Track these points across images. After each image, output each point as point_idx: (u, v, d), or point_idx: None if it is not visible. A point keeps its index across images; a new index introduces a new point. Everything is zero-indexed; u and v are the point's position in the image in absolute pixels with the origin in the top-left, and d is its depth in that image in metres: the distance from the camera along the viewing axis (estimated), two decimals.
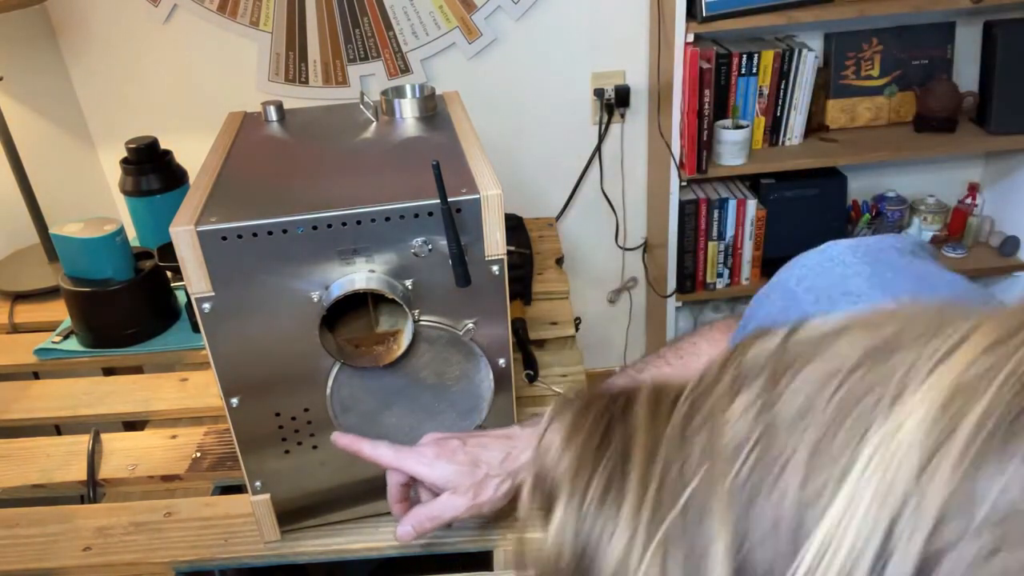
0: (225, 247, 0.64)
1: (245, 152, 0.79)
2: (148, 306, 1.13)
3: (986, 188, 1.91)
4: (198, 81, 1.70)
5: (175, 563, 0.79)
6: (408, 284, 0.69)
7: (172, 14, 1.62)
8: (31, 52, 1.57)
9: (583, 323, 2.02)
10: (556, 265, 1.32)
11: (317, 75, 1.69)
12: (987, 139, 1.69)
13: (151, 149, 1.27)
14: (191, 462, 0.92)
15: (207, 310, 0.66)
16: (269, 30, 1.64)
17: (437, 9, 1.64)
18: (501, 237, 0.68)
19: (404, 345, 0.70)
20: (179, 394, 1.04)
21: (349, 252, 0.66)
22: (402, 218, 0.66)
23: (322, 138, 0.82)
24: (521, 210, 1.47)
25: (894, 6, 1.54)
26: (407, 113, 0.85)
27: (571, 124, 1.82)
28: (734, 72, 1.65)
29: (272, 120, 0.86)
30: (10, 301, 1.26)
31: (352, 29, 1.65)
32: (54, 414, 1.02)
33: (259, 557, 0.79)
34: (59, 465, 0.93)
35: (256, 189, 0.70)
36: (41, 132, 1.58)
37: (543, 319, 1.17)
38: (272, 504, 0.77)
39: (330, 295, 0.67)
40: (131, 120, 1.71)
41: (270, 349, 0.69)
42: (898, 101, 1.77)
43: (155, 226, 1.29)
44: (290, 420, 0.73)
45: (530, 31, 1.70)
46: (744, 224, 1.80)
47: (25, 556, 0.80)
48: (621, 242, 1.98)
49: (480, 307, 0.71)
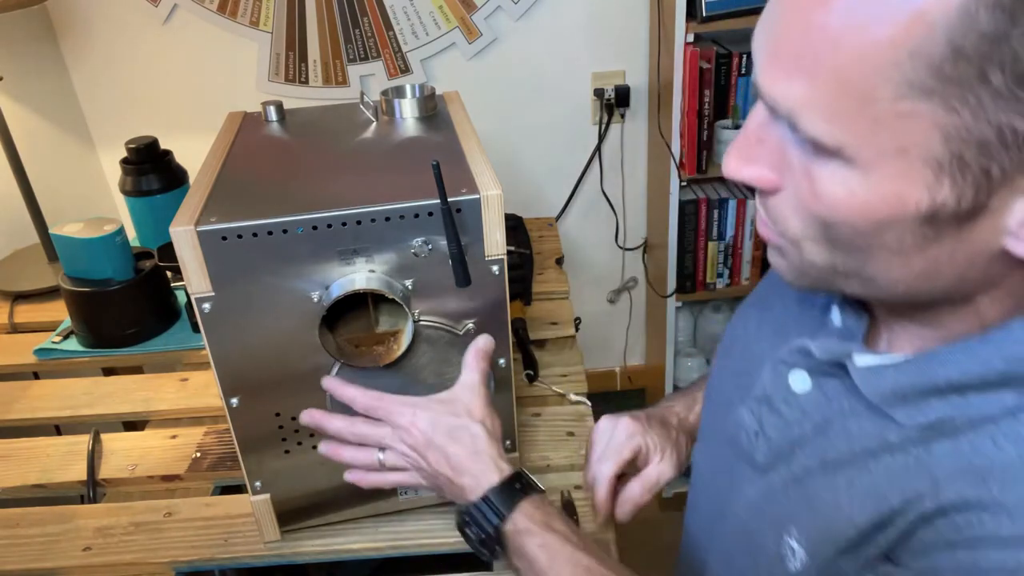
0: (225, 247, 0.64)
1: (245, 152, 0.79)
2: (148, 306, 1.13)
3: None
4: (198, 81, 1.70)
5: (175, 563, 0.79)
6: (408, 284, 0.69)
7: (172, 14, 1.62)
8: (31, 52, 1.57)
9: (583, 323, 2.01)
10: (556, 265, 1.32)
11: (317, 75, 1.69)
12: None
13: (151, 149, 1.27)
14: (191, 462, 0.92)
15: (207, 310, 0.66)
16: (269, 30, 1.64)
17: (437, 9, 1.65)
18: (501, 237, 0.68)
19: (404, 345, 0.70)
20: (179, 394, 1.04)
21: (349, 252, 0.66)
22: (402, 218, 0.66)
23: (322, 138, 0.82)
24: (521, 210, 1.47)
25: None
26: (407, 113, 0.85)
27: (571, 124, 1.82)
28: (734, 72, 1.65)
29: (272, 120, 0.86)
30: (10, 301, 1.26)
31: (352, 29, 1.65)
32: (54, 414, 1.02)
33: (259, 557, 0.79)
34: (59, 465, 0.93)
35: (256, 189, 0.70)
36: (41, 132, 1.58)
37: (543, 319, 1.17)
38: (272, 504, 0.77)
39: (330, 295, 0.67)
40: (131, 120, 1.71)
41: (270, 349, 0.69)
42: None
43: (155, 226, 1.29)
44: (290, 420, 0.73)
45: (530, 31, 1.70)
46: (744, 224, 1.80)
47: (25, 556, 0.80)
48: (621, 242, 1.98)
49: (480, 307, 0.71)
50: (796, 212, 0.46)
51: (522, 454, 0.86)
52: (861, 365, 0.51)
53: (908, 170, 0.41)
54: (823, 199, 0.43)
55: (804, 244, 0.47)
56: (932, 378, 0.48)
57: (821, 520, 0.53)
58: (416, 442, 0.68)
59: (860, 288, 0.48)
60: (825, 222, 0.45)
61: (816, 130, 0.41)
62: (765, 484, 0.59)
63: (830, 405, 0.55)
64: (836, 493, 0.52)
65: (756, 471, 0.60)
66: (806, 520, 0.54)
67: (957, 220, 0.42)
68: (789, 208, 0.47)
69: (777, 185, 0.47)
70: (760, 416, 0.60)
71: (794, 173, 0.45)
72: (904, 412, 0.50)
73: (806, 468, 0.55)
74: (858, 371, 0.51)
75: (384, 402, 0.70)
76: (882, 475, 0.50)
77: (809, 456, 0.55)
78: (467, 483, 0.65)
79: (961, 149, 0.39)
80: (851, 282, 0.48)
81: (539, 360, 1.06)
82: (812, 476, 0.55)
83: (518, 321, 1.11)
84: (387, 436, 0.69)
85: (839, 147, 0.41)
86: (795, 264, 0.50)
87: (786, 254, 0.50)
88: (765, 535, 0.58)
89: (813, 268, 0.48)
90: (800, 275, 0.50)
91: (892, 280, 0.46)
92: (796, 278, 0.51)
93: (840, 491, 0.52)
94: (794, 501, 0.56)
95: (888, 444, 0.50)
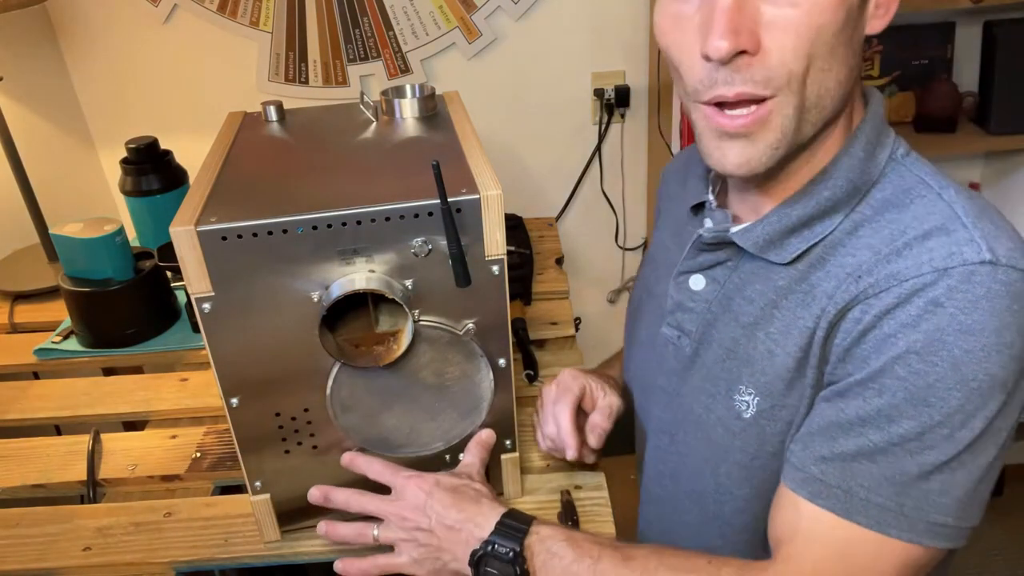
0: (225, 247, 0.64)
1: (245, 152, 0.78)
2: (148, 306, 1.13)
3: (986, 188, 1.91)
4: (198, 81, 1.70)
5: (175, 563, 0.79)
6: (408, 284, 0.69)
7: (172, 14, 1.62)
8: (31, 52, 1.57)
9: (583, 323, 2.01)
10: (556, 265, 1.32)
11: (317, 75, 1.69)
12: (987, 139, 1.69)
13: (151, 149, 1.27)
14: (191, 462, 0.92)
15: (207, 310, 0.66)
16: (269, 30, 1.64)
17: (437, 9, 1.64)
18: (501, 237, 0.68)
19: (404, 345, 0.70)
20: (179, 394, 1.04)
21: (349, 252, 0.66)
22: (402, 218, 0.66)
23: (322, 138, 0.81)
24: (521, 210, 1.47)
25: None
26: (407, 113, 0.85)
27: (571, 124, 1.82)
28: None
29: (272, 120, 0.86)
30: (10, 301, 1.26)
31: (352, 29, 1.65)
32: (54, 414, 1.02)
33: (259, 557, 0.79)
34: (59, 465, 0.93)
35: (256, 189, 0.70)
36: (41, 132, 1.58)
37: (543, 319, 1.17)
38: (272, 504, 0.77)
39: (330, 295, 0.67)
40: (131, 120, 1.71)
41: (270, 349, 0.69)
42: (898, 101, 1.77)
43: (155, 226, 1.29)
44: (290, 420, 0.73)
45: (530, 31, 1.70)
46: None
47: (25, 556, 0.80)
48: (621, 242, 1.98)
49: (480, 307, 0.71)
50: (785, 47, 0.57)
51: (522, 454, 0.86)
52: (735, 230, 0.69)
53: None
54: (816, 5, 0.56)
55: (793, 80, 0.58)
56: (786, 221, 0.66)
57: (763, 367, 0.67)
58: (417, 501, 0.71)
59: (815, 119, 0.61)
60: (814, 29, 0.56)
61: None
62: (701, 369, 0.73)
63: (724, 287, 0.71)
64: (765, 343, 0.67)
65: (691, 365, 0.74)
66: (749, 374, 0.68)
67: (862, 6, 0.60)
68: (776, 51, 0.57)
69: (759, 44, 0.57)
70: (678, 321, 0.75)
71: (775, 21, 0.56)
72: (775, 253, 0.66)
73: (732, 339, 0.70)
74: (736, 234, 0.68)
75: (392, 467, 0.75)
76: (788, 313, 0.66)
77: (727, 330, 0.70)
78: (477, 522, 0.69)
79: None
80: (809, 117, 0.60)
81: (539, 360, 1.06)
82: (739, 342, 0.69)
83: (518, 321, 1.11)
84: (387, 508, 0.73)
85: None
86: (775, 133, 0.60)
87: (765, 126, 0.60)
88: (717, 402, 0.71)
89: (789, 121, 0.60)
90: (773, 149, 0.61)
91: (840, 81, 0.60)
92: (768, 154, 0.61)
93: (767, 341, 0.67)
94: (735, 366, 0.69)
95: (780, 289, 0.66)
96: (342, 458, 0.76)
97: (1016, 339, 0.56)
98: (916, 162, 0.66)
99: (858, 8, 0.59)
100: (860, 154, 0.65)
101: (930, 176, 0.64)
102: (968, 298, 0.56)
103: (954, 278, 0.56)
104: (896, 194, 0.64)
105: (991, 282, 0.56)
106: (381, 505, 0.73)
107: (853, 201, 0.65)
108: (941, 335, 0.56)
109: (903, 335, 0.58)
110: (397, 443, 0.77)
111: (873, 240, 0.62)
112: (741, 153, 0.61)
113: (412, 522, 0.71)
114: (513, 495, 0.84)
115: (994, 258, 0.56)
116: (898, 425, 0.58)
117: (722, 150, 0.62)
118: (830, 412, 0.62)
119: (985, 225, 0.59)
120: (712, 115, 0.61)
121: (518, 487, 0.84)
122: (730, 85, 0.58)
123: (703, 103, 0.61)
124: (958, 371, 0.56)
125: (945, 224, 0.59)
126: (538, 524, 0.69)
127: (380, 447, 0.76)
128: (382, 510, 0.73)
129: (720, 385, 0.71)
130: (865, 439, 0.59)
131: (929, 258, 0.58)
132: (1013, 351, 0.56)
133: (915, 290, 0.58)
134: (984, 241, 0.57)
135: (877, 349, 0.59)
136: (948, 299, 0.56)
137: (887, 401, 0.58)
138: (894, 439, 0.58)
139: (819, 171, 0.65)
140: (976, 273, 0.56)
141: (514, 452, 0.81)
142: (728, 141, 0.62)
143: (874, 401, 0.59)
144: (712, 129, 0.62)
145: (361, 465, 0.75)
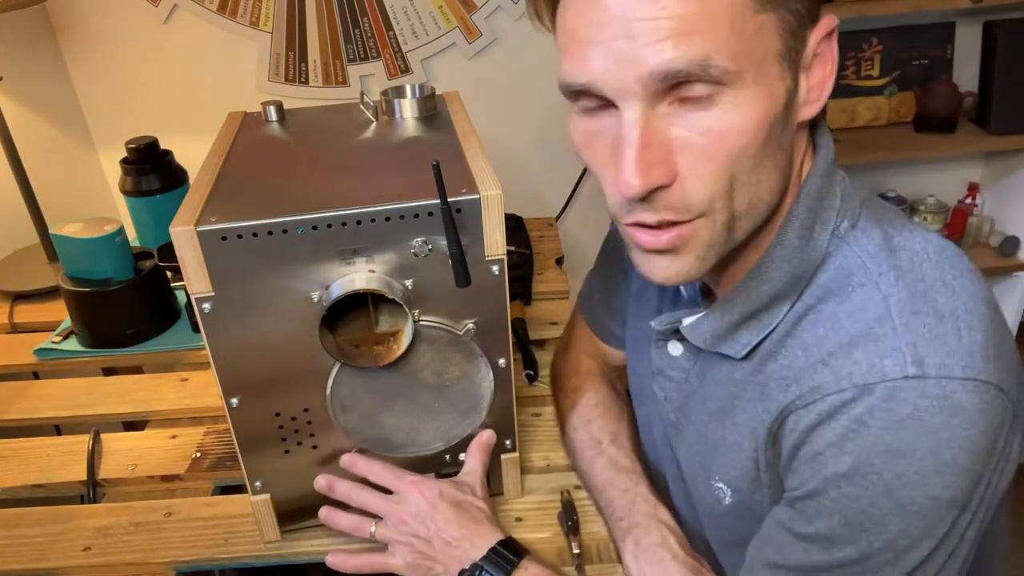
0: (225, 247, 0.64)
1: (245, 152, 0.78)
2: (148, 306, 1.13)
3: (986, 188, 1.91)
4: (198, 81, 1.70)
5: (175, 563, 0.79)
6: (408, 284, 0.68)
7: (172, 14, 1.62)
8: (31, 52, 1.57)
9: None
10: (556, 265, 1.32)
11: (317, 75, 1.69)
12: (987, 139, 1.69)
13: (151, 149, 1.27)
14: (191, 462, 0.92)
15: (207, 310, 0.66)
16: (269, 30, 1.64)
17: (437, 9, 1.64)
18: (501, 237, 0.68)
19: (404, 345, 0.70)
20: (179, 394, 1.04)
21: (349, 252, 0.66)
22: (402, 218, 0.66)
23: (322, 138, 0.81)
24: (521, 210, 1.47)
25: (894, 6, 1.53)
26: (407, 113, 0.85)
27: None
28: None
29: (272, 120, 0.86)
30: (10, 301, 1.26)
31: (352, 29, 1.65)
32: (54, 414, 1.02)
33: (259, 557, 0.79)
34: (59, 465, 0.93)
35: (256, 189, 0.70)
36: (41, 132, 1.58)
37: (543, 319, 1.17)
38: (272, 504, 0.77)
39: (330, 295, 0.67)
40: (131, 120, 1.71)
41: (270, 349, 0.69)
42: (898, 101, 1.77)
43: (155, 226, 1.29)
44: (290, 420, 0.73)
45: (530, 31, 1.69)
46: None
47: (25, 556, 0.80)
48: None
49: (480, 307, 0.71)
50: (703, 173, 0.52)
51: (522, 454, 0.86)
52: (686, 323, 0.65)
53: (769, 71, 0.51)
54: (731, 131, 0.50)
55: (716, 201, 0.53)
56: (730, 317, 0.62)
57: (731, 460, 0.64)
58: (419, 509, 0.72)
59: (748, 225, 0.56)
60: (734, 155, 0.51)
61: (723, 63, 0.48)
62: (685, 440, 0.70)
63: (699, 357, 0.67)
64: (733, 434, 0.63)
65: (677, 434, 0.72)
66: (719, 466, 0.65)
67: (789, 104, 0.53)
68: (693, 178, 0.52)
69: (675, 174, 0.52)
70: (663, 385, 0.72)
71: (688, 147, 0.51)
72: (728, 347, 0.62)
73: (704, 421, 0.67)
74: (685, 328, 0.65)
75: (394, 470, 0.75)
76: (749, 406, 0.61)
77: (701, 409, 0.67)
78: (474, 542, 0.69)
79: (787, 41, 0.51)
80: (742, 224, 0.55)
81: (539, 360, 1.06)
82: (708, 427, 0.66)
83: (518, 321, 1.11)
84: (387, 508, 0.73)
85: (739, 70, 0.48)
86: (701, 247, 0.55)
87: (690, 241, 0.55)
88: (699, 481, 0.69)
89: (717, 235, 0.55)
90: (702, 260, 0.56)
91: (771, 188, 0.55)
92: (697, 266, 0.57)
93: (734, 432, 0.63)
94: (708, 452, 0.67)
95: (738, 382, 0.63)
96: (342, 459, 0.76)
97: (959, 454, 0.50)
98: (861, 236, 0.58)
99: (783, 111, 0.52)
100: (795, 242, 0.58)
101: (872, 257, 0.56)
102: (893, 418, 0.50)
103: (875, 395, 0.51)
104: (838, 279, 0.57)
105: (918, 398, 0.50)
106: (381, 504, 0.74)
107: (797, 289, 0.59)
108: (868, 457, 0.51)
109: (831, 455, 0.53)
110: (397, 443, 0.77)
111: (808, 337, 0.57)
112: (668, 267, 0.57)
113: (411, 528, 0.71)
114: (513, 495, 0.84)
115: (920, 372, 0.50)
116: (839, 550, 0.54)
117: (648, 263, 0.58)
118: (783, 517, 0.58)
119: (920, 325, 0.52)
120: (635, 234, 0.56)
121: (518, 487, 0.84)
122: (650, 213, 0.54)
123: (624, 224, 0.57)
124: (892, 496, 0.51)
125: (873, 328, 0.53)
126: (529, 560, 0.68)
127: (380, 447, 0.76)
128: (382, 509, 0.74)
129: (699, 468, 0.68)
130: (808, 557, 0.56)
131: (849, 372, 0.53)
132: (957, 468, 0.50)
133: (835, 408, 0.53)
134: (912, 350, 0.51)
135: (810, 466, 0.55)
136: (871, 418, 0.51)
137: (825, 524, 0.54)
138: (835, 563, 0.55)
139: (753, 265, 0.60)
140: (899, 390, 0.50)
141: (514, 452, 0.81)
142: (655, 255, 0.57)
143: (815, 523, 0.55)
144: (636, 245, 0.57)
145: (361, 467, 0.76)
